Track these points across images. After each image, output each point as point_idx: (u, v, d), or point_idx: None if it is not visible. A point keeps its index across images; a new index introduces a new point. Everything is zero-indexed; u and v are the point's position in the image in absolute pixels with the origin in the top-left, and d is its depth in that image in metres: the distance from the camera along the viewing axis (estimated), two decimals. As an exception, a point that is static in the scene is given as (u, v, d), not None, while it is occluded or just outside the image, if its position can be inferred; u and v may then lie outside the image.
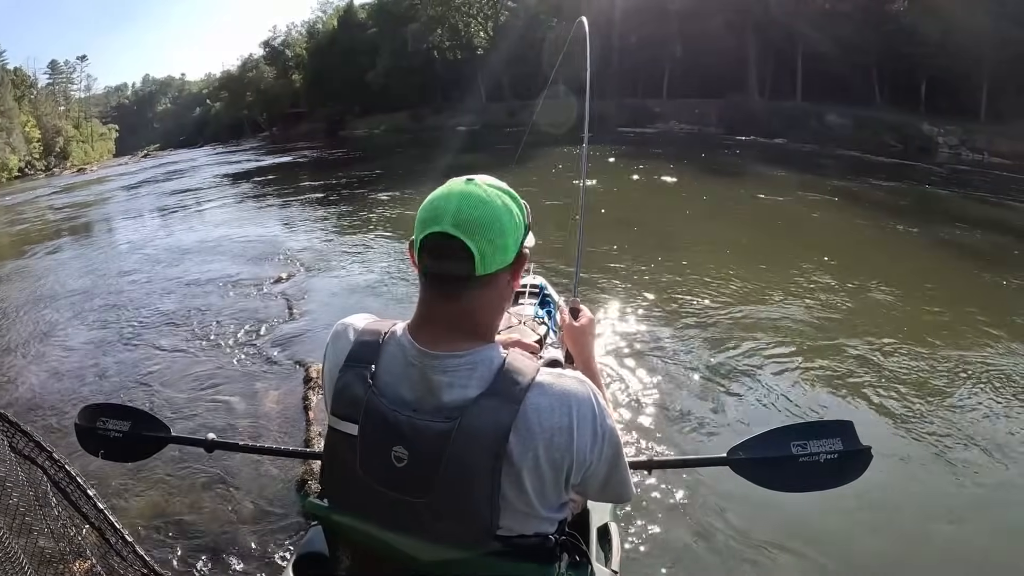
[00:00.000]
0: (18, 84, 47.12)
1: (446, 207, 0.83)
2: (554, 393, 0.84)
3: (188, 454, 3.00)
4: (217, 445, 1.37)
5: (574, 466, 0.85)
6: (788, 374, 3.81)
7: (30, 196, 22.44)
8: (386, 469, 0.83)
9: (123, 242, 10.07)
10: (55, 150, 47.43)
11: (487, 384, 0.83)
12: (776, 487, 1.16)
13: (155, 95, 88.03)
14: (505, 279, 0.89)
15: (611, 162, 16.17)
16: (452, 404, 0.83)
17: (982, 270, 6.34)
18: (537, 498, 0.86)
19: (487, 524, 0.83)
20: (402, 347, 0.88)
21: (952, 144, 19.25)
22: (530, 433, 0.81)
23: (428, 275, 0.87)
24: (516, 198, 0.90)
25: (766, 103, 25.53)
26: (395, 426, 0.83)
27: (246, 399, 3.77)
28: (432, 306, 0.88)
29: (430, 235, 0.83)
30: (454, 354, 0.84)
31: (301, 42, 51.52)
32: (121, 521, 1.73)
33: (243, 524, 2.60)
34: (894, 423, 3.25)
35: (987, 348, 4.18)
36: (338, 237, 8.61)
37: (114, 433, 1.36)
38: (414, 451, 0.82)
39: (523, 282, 3.25)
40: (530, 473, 0.83)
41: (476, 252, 0.82)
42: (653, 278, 5.73)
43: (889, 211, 9.74)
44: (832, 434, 1.12)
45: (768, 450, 1.15)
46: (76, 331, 5.42)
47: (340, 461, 0.88)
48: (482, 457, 0.80)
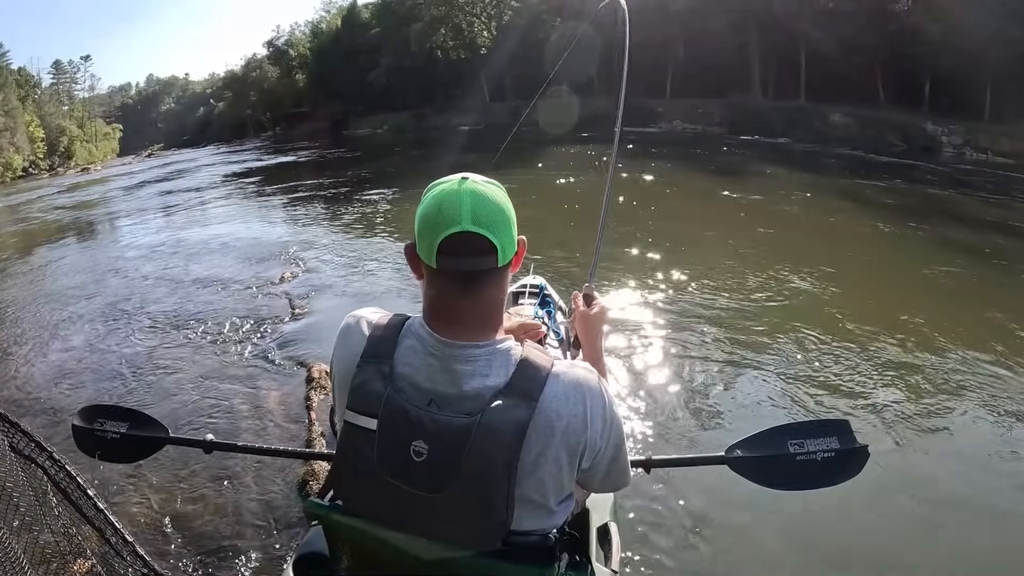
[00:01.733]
0: (22, 84, 47.18)
1: (460, 207, 0.85)
2: (569, 383, 0.87)
3: (189, 454, 3.00)
4: (215, 446, 1.38)
5: (586, 451, 0.89)
6: (787, 373, 3.80)
7: (34, 195, 22.51)
8: (404, 464, 0.84)
9: (126, 242, 10.10)
10: (59, 150, 47.52)
11: (507, 375, 0.86)
12: (774, 486, 1.17)
13: (159, 95, 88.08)
14: (510, 269, 0.93)
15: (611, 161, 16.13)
16: (473, 392, 0.85)
17: (986, 270, 6.33)
18: (553, 486, 0.88)
19: (502, 518, 0.84)
20: (421, 339, 0.89)
21: (956, 143, 19.19)
22: (548, 423, 0.85)
23: (451, 274, 0.88)
24: (503, 189, 0.93)
25: (769, 103, 25.47)
26: (416, 421, 0.84)
27: (248, 399, 3.77)
28: (451, 301, 0.89)
29: (451, 236, 0.84)
30: (475, 344, 0.88)
31: (304, 42, 51.59)
32: (121, 521, 1.73)
33: (243, 524, 2.60)
34: (891, 422, 3.25)
35: (988, 347, 4.17)
36: (340, 237, 8.62)
37: (112, 434, 1.36)
38: (435, 446, 0.83)
39: (523, 282, 3.25)
40: (547, 462, 0.86)
41: (499, 246, 0.86)
42: (652, 276, 5.72)
43: (892, 211, 9.71)
44: (829, 433, 1.12)
45: (766, 449, 1.16)
46: (78, 331, 5.44)
47: (355, 456, 0.89)
48: (502, 451, 0.82)
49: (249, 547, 2.45)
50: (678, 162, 15.23)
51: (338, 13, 49.83)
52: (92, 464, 2.88)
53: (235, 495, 2.79)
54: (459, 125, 31.91)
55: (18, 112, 42.94)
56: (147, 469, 2.95)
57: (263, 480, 2.88)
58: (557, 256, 6.27)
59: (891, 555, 2.32)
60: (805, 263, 6.11)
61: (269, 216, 11.28)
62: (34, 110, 47.13)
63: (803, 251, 6.86)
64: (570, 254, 6.31)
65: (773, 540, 2.37)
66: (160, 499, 2.80)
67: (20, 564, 1.27)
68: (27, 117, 44.56)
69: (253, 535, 2.52)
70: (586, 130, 23.79)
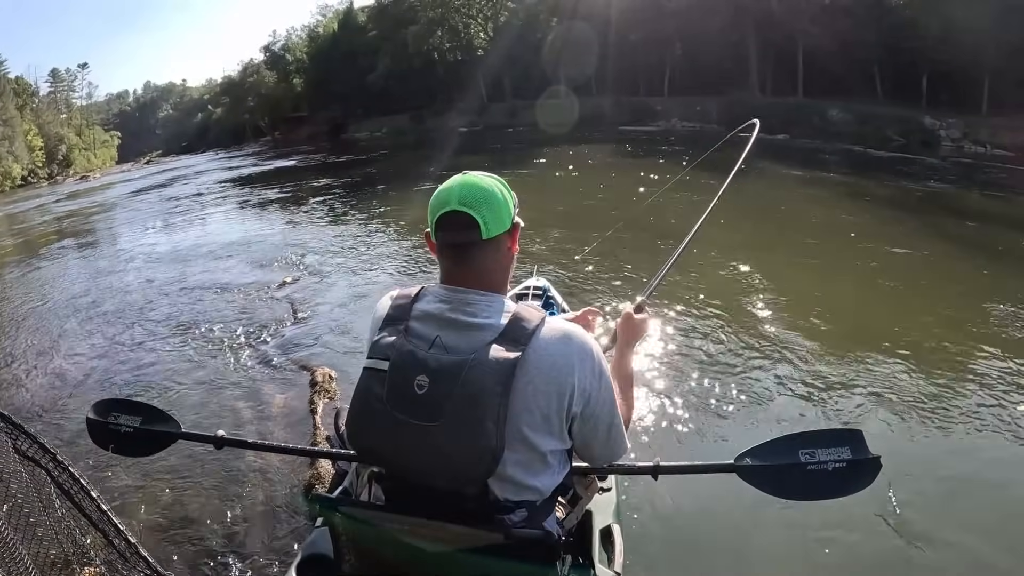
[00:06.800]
0: (20, 93, 47.18)
1: (451, 193, 1.05)
2: (557, 331, 1.02)
3: (193, 456, 3.00)
4: (226, 442, 1.37)
5: (575, 392, 1.01)
6: (797, 380, 3.71)
7: (34, 204, 22.56)
8: (407, 397, 0.96)
9: (127, 249, 10.10)
10: (58, 158, 47.60)
11: (504, 320, 1.01)
12: (783, 495, 1.15)
13: (157, 101, 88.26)
14: (506, 243, 1.10)
15: (612, 161, 16.18)
16: (476, 325, 1.00)
17: (997, 268, 6.22)
18: (542, 423, 0.99)
19: (492, 443, 0.93)
20: (435, 293, 1.08)
21: (955, 137, 19.16)
22: (536, 361, 0.97)
23: (446, 245, 1.07)
24: (503, 182, 1.12)
25: (767, 99, 25.44)
26: (422, 360, 0.97)
27: (251, 404, 3.76)
28: (451, 270, 1.08)
29: (443, 215, 1.04)
30: (477, 292, 1.05)
31: (301, 46, 51.66)
32: (124, 522, 1.73)
33: (246, 526, 2.60)
34: (905, 431, 3.16)
35: (1004, 350, 4.06)
36: (341, 240, 8.61)
37: (125, 428, 1.37)
38: (435, 379, 0.95)
39: (527, 283, 3.25)
40: (536, 395, 0.97)
41: (480, 221, 1.03)
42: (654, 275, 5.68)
43: (894, 207, 9.70)
44: (841, 442, 1.10)
45: (776, 458, 1.14)
46: (81, 336, 5.44)
47: (368, 395, 1.01)
48: (492, 382, 0.93)
49: (253, 550, 2.44)
50: (676, 161, 15.21)
51: (334, 17, 49.93)
52: (96, 465, 2.90)
53: (239, 498, 2.78)
54: (457, 127, 31.92)
55: (16, 121, 42.97)
56: (152, 470, 2.95)
57: (268, 483, 2.87)
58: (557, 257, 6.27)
59: (898, 565, 2.29)
60: (811, 265, 6.09)
61: (269, 221, 11.27)
62: (32, 119, 47.17)
63: (807, 251, 6.83)
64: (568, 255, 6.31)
65: (778, 546, 2.34)
66: (164, 500, 2.79)
67: (24, 565, 1.26)
68: (25, 126, 44.59)
69: (257, 538, 2.51)
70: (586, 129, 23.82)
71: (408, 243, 7.88)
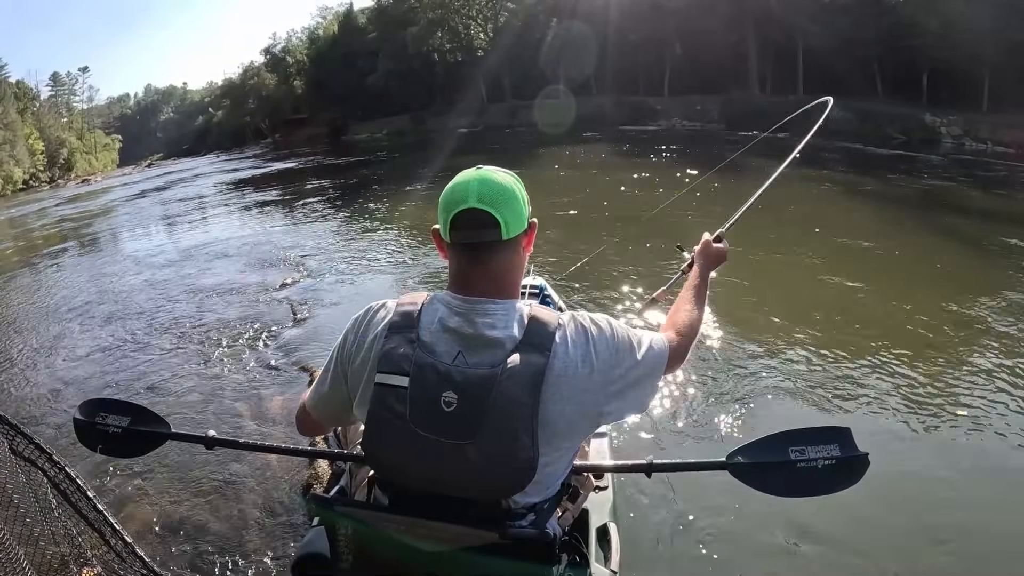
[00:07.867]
0: (20, 97, 47.30)
1: (468, 189, 0.98)
2: (574, 331, 0.98)
3: (190, 456, 3.01)
4: (217, 442, 1.36)
5: (603, 385, 0.98)
6: (790, 377, 3.73)
7: (35, 208, 22.59)
8: (436, 415, 0.92)
9: (127, 250, 10.13)
10: (59, 162, 47.62)
11: (522, 328, 0.96)
12: (774, 492, 1.15)
13: (157, 104, 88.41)
14: (522, 243, 1.05)
15: (613, 161, 16.18)
16: (495, 340, 0.95)
17: (994, 265, 6.22)
18: (567, 427, 0.96)
19: (529, 455, 0.91)
20: (446, 303, 1.00)
21: (955, 134, 19.18)
22: (562, 367, 0.94)
23: (461, 245, 1.00)
24: (517, 177, 1.05)
25: (768, 98, 25.45)
26: (446, 375, 0.92)
27: (250, 405, 3.77)
28: (467, 271, 1.01)
29: (460, 212, 0.97)
30: (493, 301, 0.99)
31: (302, 48, 51.77)
32: (121, 522, 1.73)
33: (244, 526, 2.60)
34: (893, 429, 3.17)
35: (995, 348, 4.07)
36: (341, 242, 8.63)
37: (113, 428, 1.35)
38: (464, 395, 0.91)
39: (523, 282, 3.24)
40: (563, 401, 0.94)
41: (501, 221, 0.97)
42: (652, 276, 5.69)
43: (895, 204, 9.70)
44: (830, 440, 1.11)
45: (766, 455, 1.14)
46: (80, 337, 5.45)
47: (388, 413, 0.95)
48: (523, 394, 0.90)
49: (250, 549, 2.45)
50: (678, 160, 15.23)
51: (334, 19, 50.01)
52: (92, 466, 2.90)
53: (237, 498, 2.78)
54: (457, 127, 31.93)
55: (17, 125, 43.04)
56: (148, 470, 2.95)
57: (265, 483, 2.87)
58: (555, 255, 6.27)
59: (888, 560, 2.28)
60: (806, 263, 6.08)
61: (269, 223, 11.28)
62: (33, 123, 47.23)
63: (804, 250, 6.82)
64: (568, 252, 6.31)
65: (773, 543, 2.35)
66: (161, 500, 2.79)
67: (20, 565, 1.26)
68: (26, 130, 44.67)
69: (254, 538, 2.52)
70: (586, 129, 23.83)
71: (408, 244, 7.90)
